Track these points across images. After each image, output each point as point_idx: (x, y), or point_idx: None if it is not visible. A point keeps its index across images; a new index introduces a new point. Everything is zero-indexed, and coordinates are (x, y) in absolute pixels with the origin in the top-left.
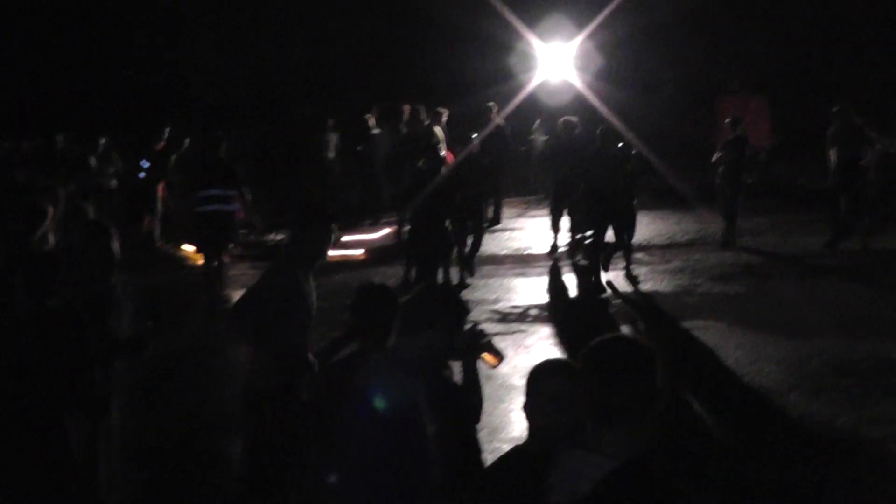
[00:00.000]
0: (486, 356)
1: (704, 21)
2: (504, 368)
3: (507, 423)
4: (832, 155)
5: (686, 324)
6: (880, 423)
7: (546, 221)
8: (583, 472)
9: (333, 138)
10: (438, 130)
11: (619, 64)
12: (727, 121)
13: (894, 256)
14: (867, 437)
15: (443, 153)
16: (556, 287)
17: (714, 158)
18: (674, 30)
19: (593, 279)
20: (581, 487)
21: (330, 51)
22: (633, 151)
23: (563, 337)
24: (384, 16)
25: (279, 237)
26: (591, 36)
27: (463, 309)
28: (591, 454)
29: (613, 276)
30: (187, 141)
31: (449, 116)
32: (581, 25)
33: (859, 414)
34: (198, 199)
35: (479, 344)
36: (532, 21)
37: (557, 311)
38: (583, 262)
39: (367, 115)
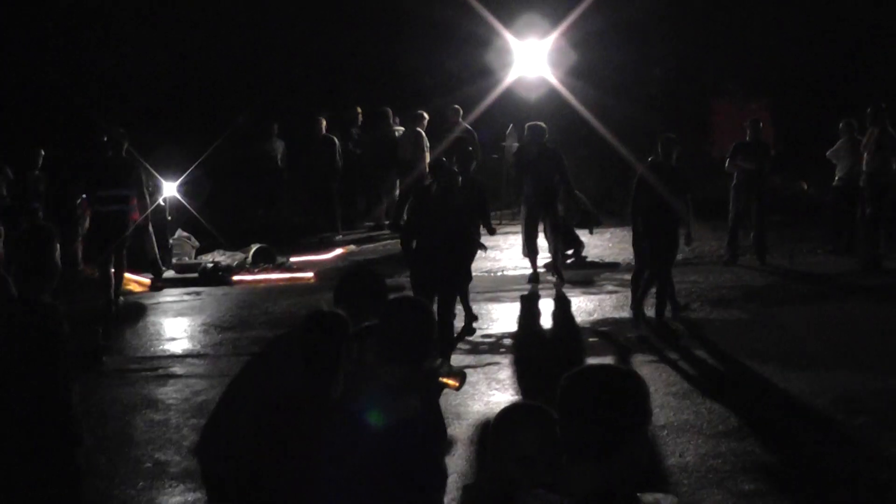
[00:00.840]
0: (446, 379)
1: (694, 15)
2: (476, 405)
3: (480, 467)
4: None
5: (681, 353)
6: None
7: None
8: None
9: (280, 146)
10: (420, 136)
11: (597, 61)
12: (746, 122)
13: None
14: (883, 480)
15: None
16: (534, 314)
17: (729, 166)
18: (660, 25)
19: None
20: None
21: (281, 51)
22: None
23: (541, 371)
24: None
25: (217, 259)
26: (567, 32)
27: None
28: (551, 494)
29: (597, 302)
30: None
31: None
32: (557, 21)
33: (873, 454)
34: (97, 198)
35: (434, 369)
36: (507, 17)
37: (535, 341)
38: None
39: (320, 118)
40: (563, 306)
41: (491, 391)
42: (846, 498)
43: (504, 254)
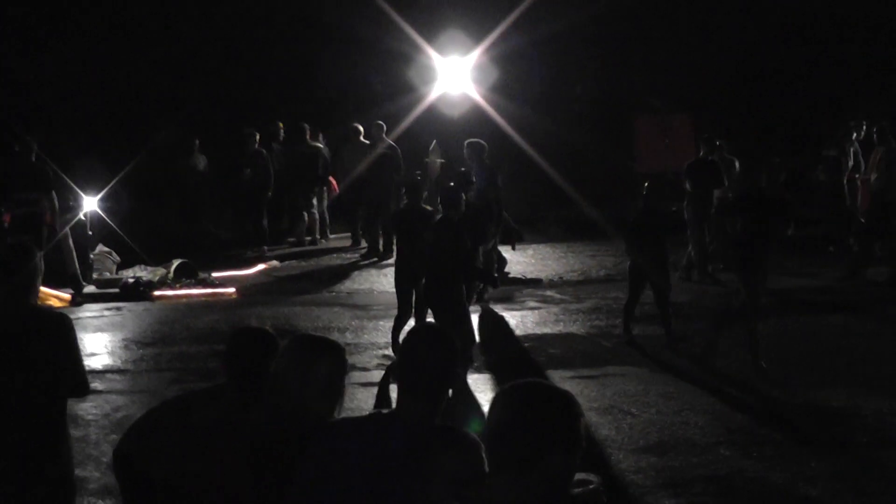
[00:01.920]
0: None
1: (616, 32)
2: None
3: None
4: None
5: (603, 370)
6: (818, 480)
7: None
8: None
9: (202, 160)
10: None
11: (520, 78)
12: (705, 137)
13: (823, 294)
14: (804, 496)
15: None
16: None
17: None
18: (582, 42)
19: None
20: None
21: (204, 65)
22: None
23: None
24: (268, 26)
25: (139, 274)
26: (489, 48)
27: None
28: None
29: (520, 318)
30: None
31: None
32: (480, 38)
33: (795, 470)
34: (13, 201)
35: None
36: (430, 34)
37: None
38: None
39: (251, 132)
40: (485, 322)
41: None
42: None
43: None
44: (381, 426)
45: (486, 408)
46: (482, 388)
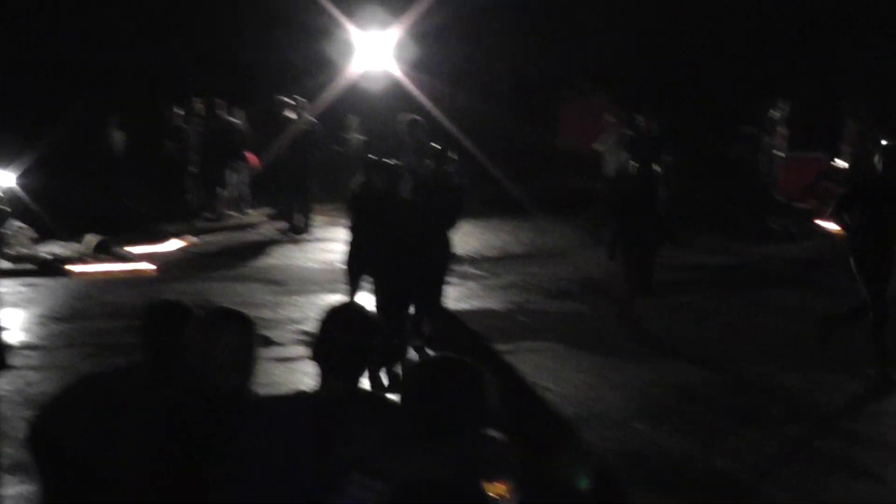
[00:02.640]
0: (499, 482)
1: (539, 10)
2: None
3: None
4: None
5: (519, 345)
6: (730, 453)
7: None
8: (362, 499)
9: (118, 135)
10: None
11: (441, 54)
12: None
13: (739, 271)
14: (716, 469)
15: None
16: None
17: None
18: (505, 19)
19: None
20: None
21: (117, 38)
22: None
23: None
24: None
25: (55, 250)
26: (411, 24)
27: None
28: (372, 480)
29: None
30: None
31: (256, 111)
32: (401, 13)
33: (707, 443)
34: None
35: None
36: (350, 9)
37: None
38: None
39: (171, 107)
40: None
41: None
42: (678, 484)
43: (343, 246)
44: (300, 403)
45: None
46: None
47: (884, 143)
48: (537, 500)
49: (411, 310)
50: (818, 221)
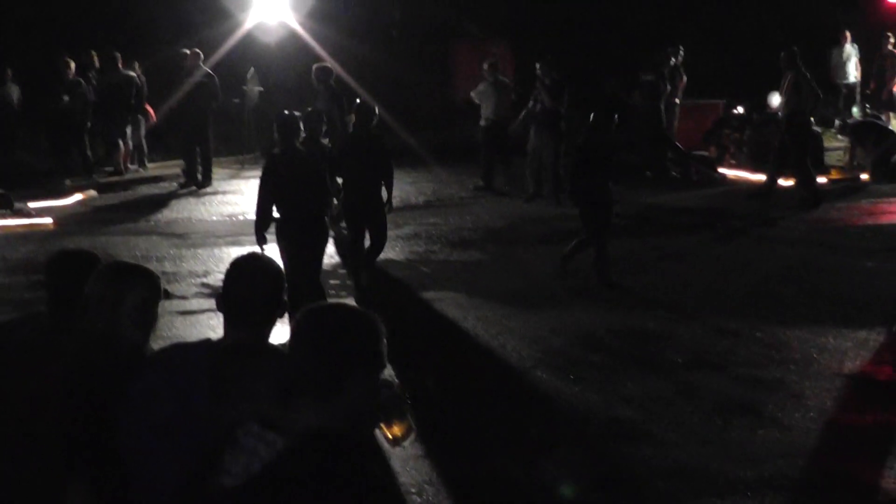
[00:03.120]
0: (395, 426)
1: None
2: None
3: None
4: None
5: (421, 295)
6: (633, 401)
7: None
8: (256, 450)
9: (14, 90)
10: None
11: (337, 4)
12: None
13: (641, 219)
14: (620, 417)
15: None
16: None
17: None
18: None
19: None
20: (252, 468)
21: None
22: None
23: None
24: None
25: None
26: None
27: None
28: (267, 431)
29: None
30: None
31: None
32: None
33: (610, 391)
34: None
35: (395, 406)
36: None
37: None
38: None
39: (67, 61)
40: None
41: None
42: (580, 433)
43: (245, 198)
44: (199, 353)
45: None
46: None
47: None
48: None
49: None
50: (720, 169)
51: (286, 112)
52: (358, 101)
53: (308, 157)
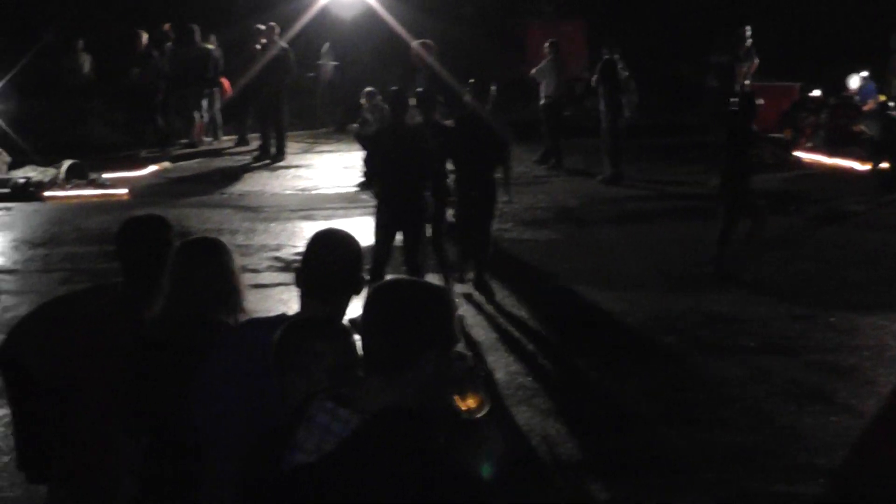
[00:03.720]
0: (469, 398)
1: None
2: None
3: None
4: None
5: (492, 273)
6: (705, 384)
7: (336, 158)
8: (330, 427)
9: (87, 61)
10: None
11: None
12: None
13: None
14: (690, 400)
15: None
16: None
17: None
18: None
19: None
20: (326, 445)
21: None
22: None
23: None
24: None
25: (29, 174)
26: None
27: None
28: (340, 408)
29: None
30: None
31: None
32: None
33: (680, 372)
34: None
35: (469, 379)
36: None
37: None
38: None
39: (139, 33)
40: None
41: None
42: (650, 413)
43: (318, 172)
44: (273, 326)
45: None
46: None
47: None
48: None
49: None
50: (795, 153)
51: (396, 88)
52: (472, 81)
53: (415, 133)
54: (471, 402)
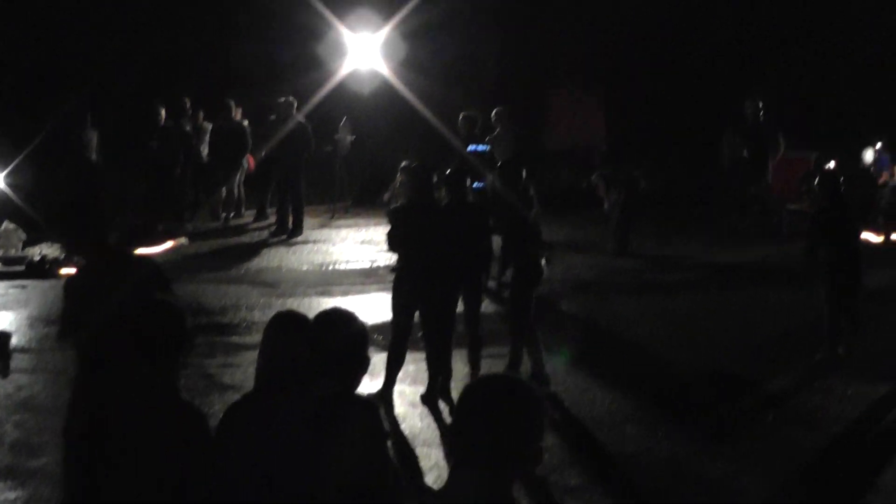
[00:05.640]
0: None
1: (528, 7)
2: None
3: None
4: None
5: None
6: (724, 454)
7: (353, 233)
8: None
9: (93, 136)
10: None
11: (429, 53)
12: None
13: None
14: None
15: None
16: (365, 309)
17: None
18: (494, 15)
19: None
20: None
21: (107, 37)
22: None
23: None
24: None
25: (45, 251)
26: (399, 23)
27: None
28: (438, 501)
29: None
30: None
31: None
32: (390, 13)
33: (695, 440)
34: None
35: None
36: (340, 9)
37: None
38: None
39: (158, 108)
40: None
41: None
42: (669, 486)
43: (336, 247)
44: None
45: None
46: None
47: None
48: None
49: None
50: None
51: (416, 165)
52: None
53: (446, 211)
54: None
